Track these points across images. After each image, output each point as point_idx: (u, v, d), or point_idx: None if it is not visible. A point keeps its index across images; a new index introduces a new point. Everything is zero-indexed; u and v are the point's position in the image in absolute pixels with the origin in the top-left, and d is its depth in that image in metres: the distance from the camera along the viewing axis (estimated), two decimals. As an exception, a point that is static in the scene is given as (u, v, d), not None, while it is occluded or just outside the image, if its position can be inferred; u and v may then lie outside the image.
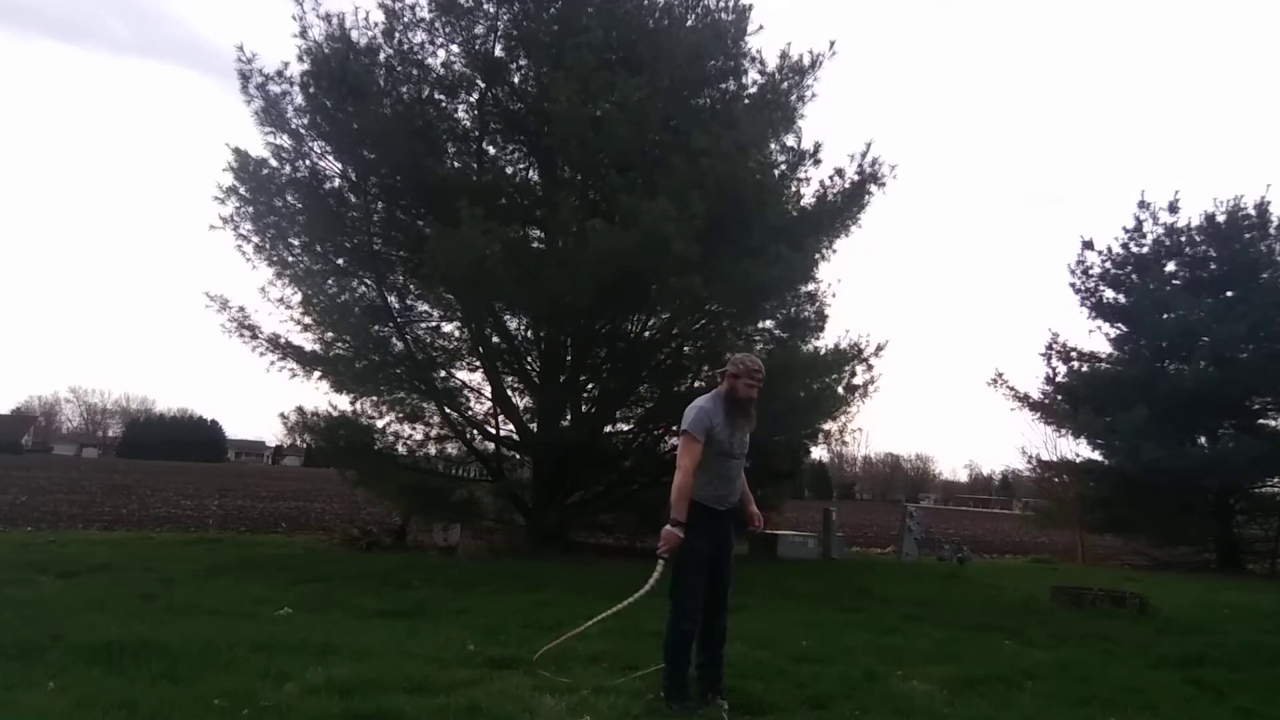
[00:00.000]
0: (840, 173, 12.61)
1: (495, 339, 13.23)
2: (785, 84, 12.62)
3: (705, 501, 4.19)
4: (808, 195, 12.90)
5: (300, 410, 12.54)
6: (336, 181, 12.22)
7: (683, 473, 4.09)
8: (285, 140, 11.68)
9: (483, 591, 7.83)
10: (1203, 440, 18.68)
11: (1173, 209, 19.47)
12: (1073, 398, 19.06)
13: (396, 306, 12.86)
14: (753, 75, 12.89)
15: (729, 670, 4.88)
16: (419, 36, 12.27)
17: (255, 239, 11.81)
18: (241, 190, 11.47)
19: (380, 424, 13.40)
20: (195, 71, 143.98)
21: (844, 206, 12.69)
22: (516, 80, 12.75)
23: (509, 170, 13.15)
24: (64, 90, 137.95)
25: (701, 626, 4.25)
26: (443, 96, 12.58)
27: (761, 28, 12.85)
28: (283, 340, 12.26)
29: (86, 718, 3.43)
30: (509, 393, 13.55)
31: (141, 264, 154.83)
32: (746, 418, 4.32)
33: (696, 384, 13.46)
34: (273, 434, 73.83)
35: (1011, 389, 20.05)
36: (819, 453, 21.80)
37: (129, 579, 7.51)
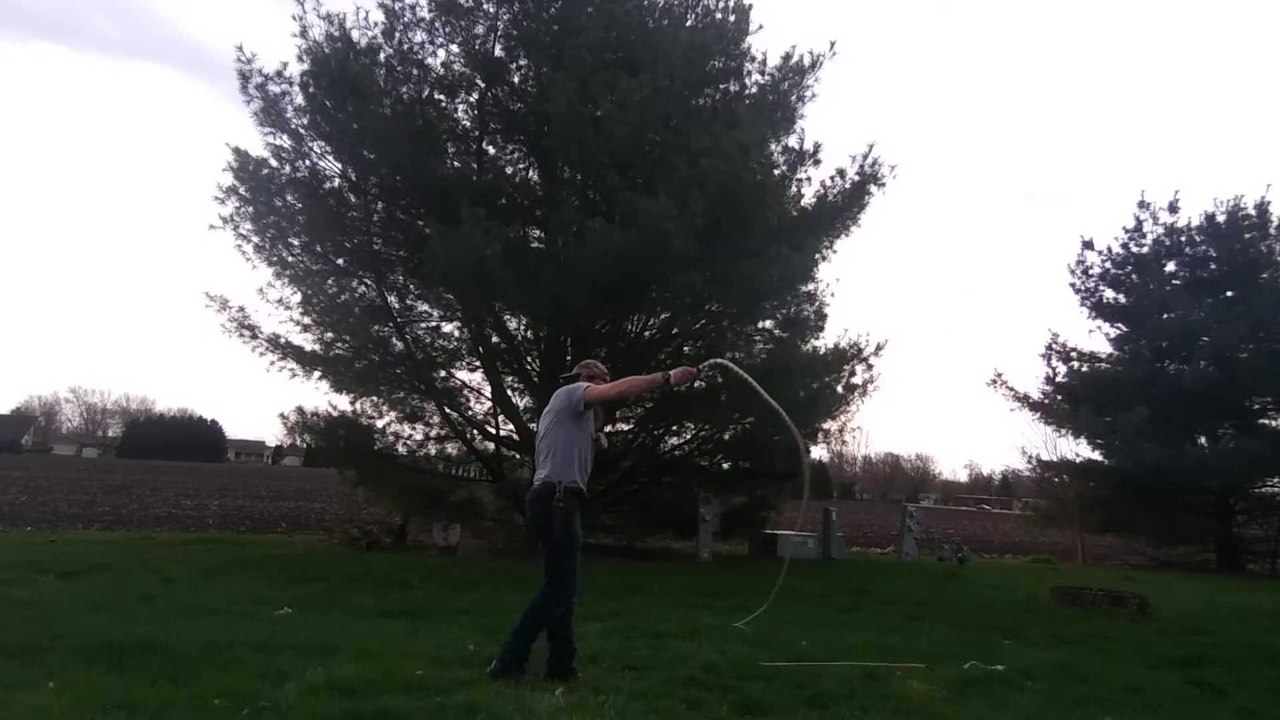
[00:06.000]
0: (841, 173, 12.64)
1: (495, 339, 13.23)
2: (785, 84, 12.64)
3: (578, 485, 4.48)
4: (808, 195, 12.93)
5: (300, 410, 12.56)
6: (336, 181, 12.23)
7: (611, 385, 4.61)
8: (285, 140, 11.70)
9: (483, 591, 7.83)
10: (1203, 440, 18.69)
11: (1173, 209, 19.54)
12: (1073, 398, 19.07)
13: (396, 306, 12.86)
14: (753, 75, 12.92)
15: (730, 669, 4.90)
16: (419, 36, 12.28)
17: (255, 239, 11.83)
18: (241, 190, 11.49)
19: (380, 424, 13.42)
20: (187, 72, 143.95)
21: (844, 207, 12.70)
22: (516, 80, 12.75)
23: (509, 170, 13.15)
24: (60, 90, 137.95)
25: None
26: (443, 96, 12.58)
27: (761, 27, 12.89)
28: (283, 340, 12.27)
29: (86, 718, 3.43)
30: (509, 393, 13.56)
31: (141, 264, 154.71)
32: (596, 416, 4.78)
33: (697, 384, 13.48)
34: (273, 434, 74.04)
35: (1011, 389, 20.10)
36: (819, 452, 21.78)
37: (129, 579, 7.51)
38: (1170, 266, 19.62)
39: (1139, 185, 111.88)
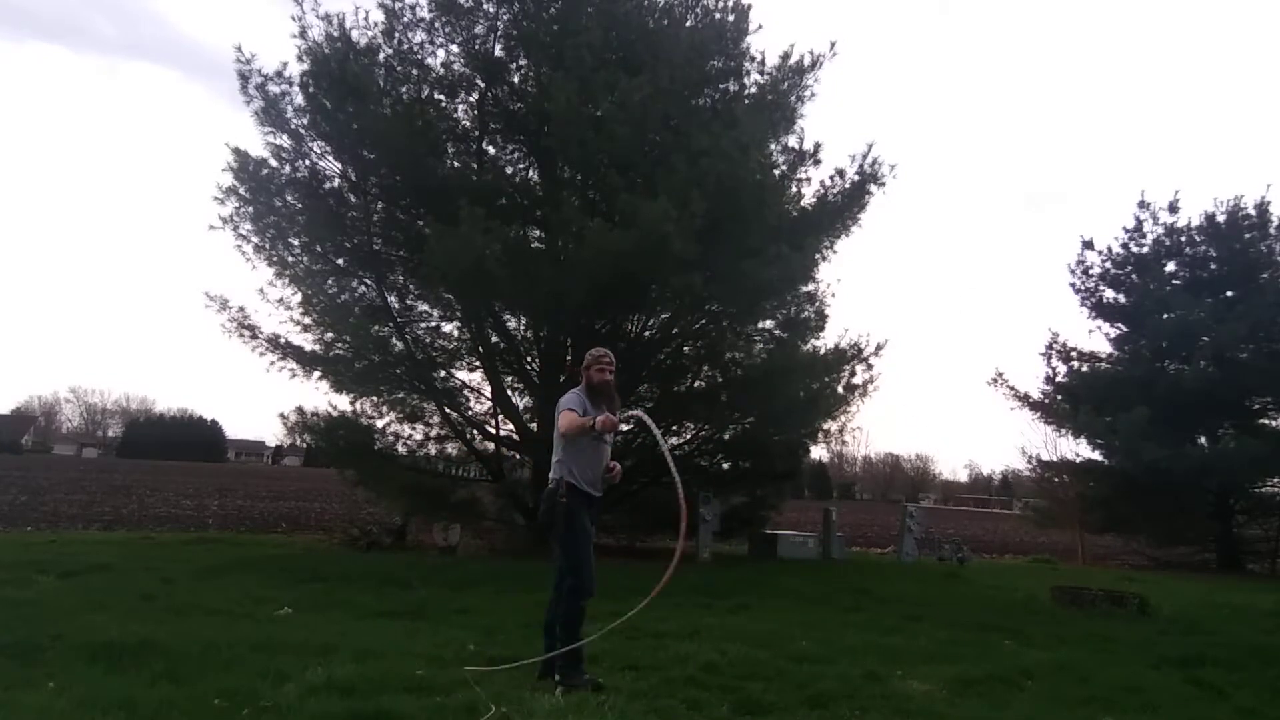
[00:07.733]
0: (840, 173, 12.65)
1: (495, 339, 13.24)
2: (785, 84, 12.64)
3: (582, 485, 4.59)
4: (808, 195, 12.96)
5: (300, 410, 12.56)
6: (336, 181, 12.24)
7: (567, 418, 4.47)
8: (285, 140, 11.72)
9: (483, 591, 7.83)
10: (1203, 440, 18.68)
11: (1173, 209, 19.53)
12: (1073, 398, 19.07)
13: (396, 306, 12.87)
14: (753, 75, 12.94)
15: (730, 670, 4.90)
16: (419, 36, 12.30)
17: (255, 239, 11.84)
18: (241, 190, 11.49)
19: (380, 424, 13.42)
20: (185, 72, 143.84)
21: (844, 207, 12.71)
22: (516, 80, 12.75)
23: (509, 170, 13.15)
24: (58, 90, 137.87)
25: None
26: (443, 96, 12.59)
27: (761, 27, 12.91)
28: (283, 340, 12.27)
29: (86, 718, 3.43)
30: (509, 393, 13.56)
31: (141, 264, 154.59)
32: (608, 400, 4.72)
33: (696, 384, 13.49)
34: (273, 434, 74.06)
35: (1011, 389, 20.10)
36: (819, 452, 21.83)
37: (129, 579, 7.51)
38: (1170, 266, 19.62)
39: (1139, 185, 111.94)
